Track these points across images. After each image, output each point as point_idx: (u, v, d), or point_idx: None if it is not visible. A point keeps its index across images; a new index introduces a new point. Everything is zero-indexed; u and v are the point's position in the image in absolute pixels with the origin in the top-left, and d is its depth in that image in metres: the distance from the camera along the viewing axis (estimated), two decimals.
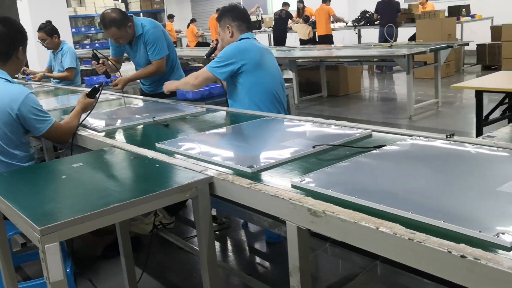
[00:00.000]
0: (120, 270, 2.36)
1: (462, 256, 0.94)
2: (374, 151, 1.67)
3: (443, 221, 1.08)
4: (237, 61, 2.74)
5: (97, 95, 2.48)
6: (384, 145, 1.72)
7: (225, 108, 2.86)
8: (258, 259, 2.94)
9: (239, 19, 2.90)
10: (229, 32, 2.89)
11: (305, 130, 2.12)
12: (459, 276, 0.96)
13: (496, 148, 1.58)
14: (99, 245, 2.92)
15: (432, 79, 6.81)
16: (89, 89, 2.52)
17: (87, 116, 2.45)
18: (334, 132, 2.02)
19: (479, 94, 3.75)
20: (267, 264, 2.87)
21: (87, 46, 14.52)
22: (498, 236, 0.99)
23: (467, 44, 7.38)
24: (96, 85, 2.48)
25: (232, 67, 2.74)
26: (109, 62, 3.48)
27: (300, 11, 12.08)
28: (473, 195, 1.23)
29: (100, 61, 3.37)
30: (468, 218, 1.09)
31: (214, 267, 1.64)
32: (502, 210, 1.13)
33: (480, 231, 1.02)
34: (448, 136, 1.74)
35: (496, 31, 9.24)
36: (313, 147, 1.77)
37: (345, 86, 8.16)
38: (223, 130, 2.29)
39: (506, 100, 3.87)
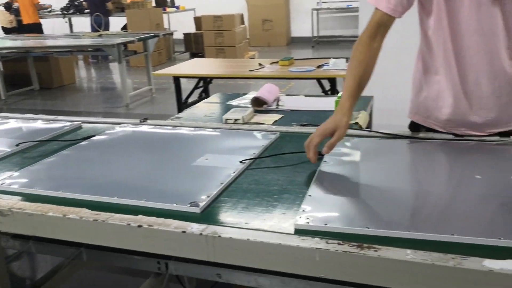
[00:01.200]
0: None
1: (139, 226, 1.05)
2: (83, 143, 1.67)
3: (145, 200, 1.17)
4: None
5: None
6: (93, 136, 1.74)
7: None
8: None
9: None
10: None
11: (7, 127, 1.95)
12: (137, 244, 1.06)
13: (192, 128, 1.78)
14: None
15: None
16: None
17: None
18: (41, 127, 1.93)
19: (176, 79, 4.13)
20: None
21: None
22: (190, 205, 1.14)
23: (172, 34, 7.92)
24: None
25: None
26: None
27: None
28: (172, 173, 1.37)
29: None
30: (169, 194, 1.21)
31: None
32: (196, 181, 1.29)
33: (176, 204, 1.15)
34: (142, 121, 1.87)
35: (198, 21, 10.16)
36: (17, 145, 1.67)
37: (58, 77, 7.75)
38: None
39: (202, 84, 4.36)
